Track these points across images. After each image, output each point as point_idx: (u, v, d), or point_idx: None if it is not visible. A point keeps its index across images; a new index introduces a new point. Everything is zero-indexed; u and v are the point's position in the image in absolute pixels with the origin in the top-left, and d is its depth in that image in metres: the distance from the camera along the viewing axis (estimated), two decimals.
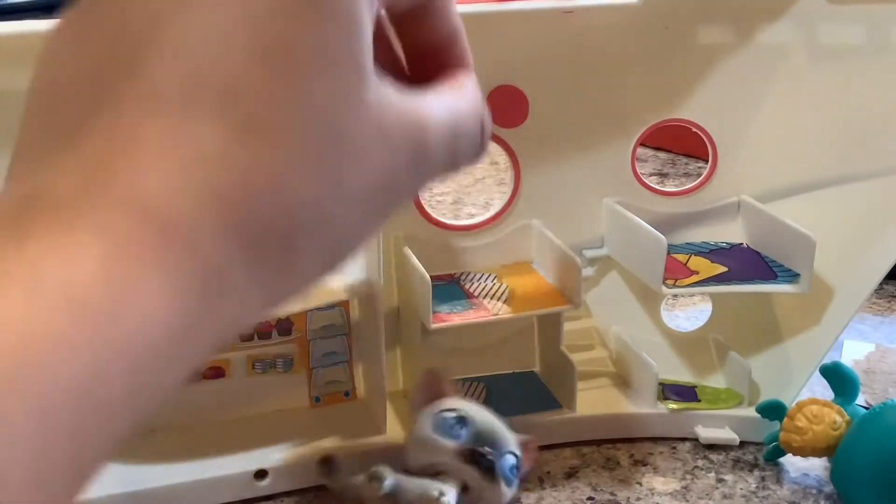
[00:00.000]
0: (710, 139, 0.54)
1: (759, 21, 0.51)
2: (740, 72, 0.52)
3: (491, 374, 0.55)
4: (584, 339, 0.58)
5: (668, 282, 0.49)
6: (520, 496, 0.47)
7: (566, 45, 0.51)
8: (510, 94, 0.51)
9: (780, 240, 0.51)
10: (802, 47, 0.51)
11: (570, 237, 0.52)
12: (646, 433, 0.53)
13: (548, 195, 0.53)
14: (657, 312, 0.57)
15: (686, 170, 0.92)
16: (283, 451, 0.48)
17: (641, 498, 0.47)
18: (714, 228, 0.56)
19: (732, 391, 0.54)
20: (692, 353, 0.57)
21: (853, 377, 0.48)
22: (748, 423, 0.52)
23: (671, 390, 0.54)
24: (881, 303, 0.69)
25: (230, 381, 0.51)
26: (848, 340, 0.63)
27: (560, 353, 0.52)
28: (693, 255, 0.53)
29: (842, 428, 0.47)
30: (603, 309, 0.57)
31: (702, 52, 0.52)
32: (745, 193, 0.55)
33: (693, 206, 0.55)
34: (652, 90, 0.53)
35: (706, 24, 0.52)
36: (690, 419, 0.52)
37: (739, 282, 0.50)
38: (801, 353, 0.52)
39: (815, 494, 0.48)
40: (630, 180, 0.54)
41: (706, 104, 0.53)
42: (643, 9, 0.49)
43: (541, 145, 0.53)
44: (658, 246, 0.48)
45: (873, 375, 0.58)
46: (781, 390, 0.53)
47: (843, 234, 0.50)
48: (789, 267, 0.51)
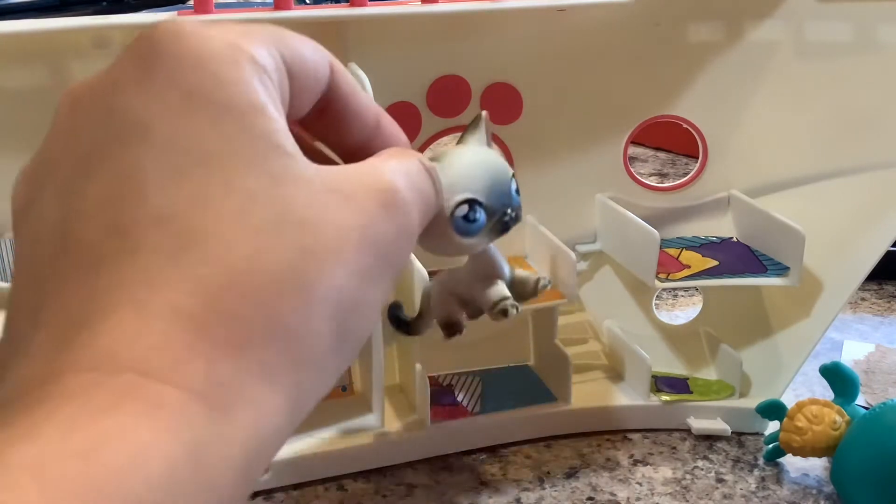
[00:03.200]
0: (701, 135, 0.55)
1: (749, 19, 0.52)
2: (730, 69, 0.53)
3: (486, 367, 0.56)
4: (577, 332, 0.59)
5: (660, 276, 0.50)
6: (520, 496, 0.48)
7: (559, 43, 0.51)
8: (504, 92, 0.52)
9: (770, 234, 0.52)
10: (791, 45, 0.52)
11: (564, 232, 0.52)
12: (639, 425, 0.53)
13: (542, 191, 0.54)
14: (650, 306, 0.58)
15: (686, 170, 0.92)
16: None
17: (641, 498, 0.47)
18: (705, 223, 0.57)
19: (724, 383, 0.55)
20: (684, 345, 0.58)
21: (853, 377, 0.48)
22: (740, 414, 0.53)
23: (664, 382, 0.55)
24: (881, 303, 0.69)
25: None
26: (848, 340, 0.63)
27: (554, 346, 0.53)
28: (684, 249, 0.54)
29: (842, 428, 0.47)
30: (596, 303, 0.58)
31: (693, 50, 0.53)
32: (735, 188, 0.55)
33: (684, 202, 0.56)
34: (644, 87, 0.54)
35: (697, 21, 0.53)
36: (683, 411, 0.53)
37: (730, 275, 0.51)
38: (791, 345, 0.53)
39: (815, 494, 0.48)
40: (622, 176, 0.55)
41: (697, 101, 0.54)
42: (635, 7, 0.50)
43: (534, 142, 0.53)
44: (651, 240, 0.49)
45: (873, 375, 0.59)
46: (772, 382, 0.53)
47: (831, 227, 0.51)
48: (779, 260, 0.51)
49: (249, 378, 0.17)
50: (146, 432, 0.15)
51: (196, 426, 0.16)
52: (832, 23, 0.51)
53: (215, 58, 0.19)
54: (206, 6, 0.41)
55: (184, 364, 0.17)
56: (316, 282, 0.18)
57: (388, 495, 0.48)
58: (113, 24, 0.42)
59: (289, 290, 0.18)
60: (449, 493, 0.48)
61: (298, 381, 0.18)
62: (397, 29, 0.48)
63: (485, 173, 0.30)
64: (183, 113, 0.18)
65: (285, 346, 0.18)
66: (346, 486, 0.48)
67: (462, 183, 0.29)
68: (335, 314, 0.19)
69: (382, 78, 0.45)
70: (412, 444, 0.50)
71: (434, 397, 0.50)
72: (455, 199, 0.29)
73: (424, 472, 0.50)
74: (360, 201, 0.20)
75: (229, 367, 0.17)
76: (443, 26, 0.49)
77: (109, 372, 0.16)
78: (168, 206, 0.18)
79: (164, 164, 0.18)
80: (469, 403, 0.52)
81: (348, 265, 0.19)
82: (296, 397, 0.18)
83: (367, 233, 0.20)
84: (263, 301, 0.18)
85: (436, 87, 0.50)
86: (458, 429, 0.51)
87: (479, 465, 0.50)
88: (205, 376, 0.17)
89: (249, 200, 0.18)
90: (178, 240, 0.17)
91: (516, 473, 0.50)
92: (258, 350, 0.17)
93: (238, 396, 0.17)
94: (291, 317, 0.18)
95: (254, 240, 0.18)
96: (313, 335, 0.18)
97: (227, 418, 0.17)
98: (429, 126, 0.51)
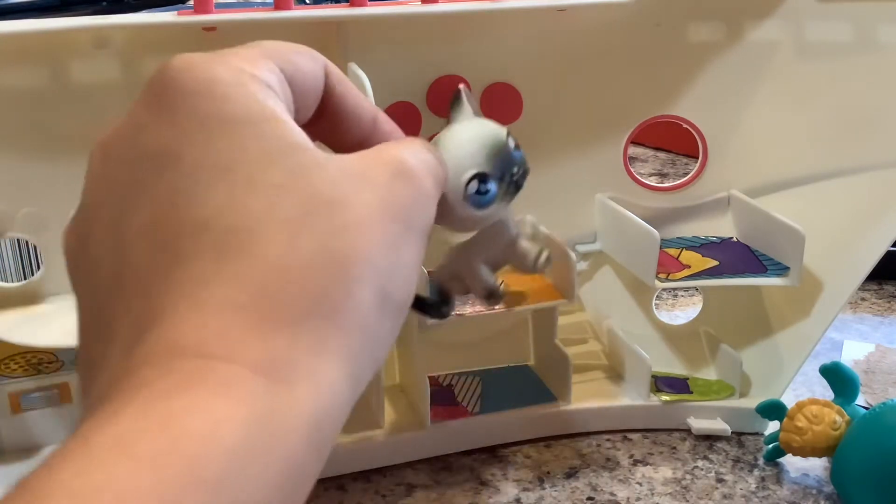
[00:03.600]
0: (701, 135, 0.55)
1: (749, 19, 0.52)
2: (730, 68, 0.53)
3: (486, 367, 0.56)
4: (577, 332, 0.59)
5: (660, 276, 0.50)
6: (520, 496, 0.48)
7: (559, 43, 0.51)
8: (504, 92, 0.52)
9: (770, 234, 0.52)
10: (791, 45, 0.52)
11: (564, 232, 0.52)
12: (639, 425, 0.53)
13: (542, 191, 0.54)
14: (650, 306, 0.58)
15: (686, 170, 0.92)
16: None
17: (641, 498, 0.47)
18: (705, 223, 0.57)
19: (724, 383, 0.55)
20: (684, 345, 0.58)
21: (853, 377, 0.48)
22: (740, 414, 0.53)
23: (664, 382, 0.55)
24: (881, 303, 0.70)
25: None
26: (848, 341, 0.63)
27: (555, 346, 0.53)
28: (684, 249, 0.54)
29: (842, 428, 0.47)
30: (596, 303, 0.58)
31: (693, 50, 0.53)
32: (735, 188, 0.55)
33: (684, 202, 0.56)
34: (643, 87, 0.54)
35: (697, 21, 0.53)
36: (683, 411, 0.53)
37: (730, 275, 0.51)
38: (791, 345, 0.53)
39: (815, 495, 0.48)
40: (622, 176, 0.55)
41: (697, 101, 0.54)
42: (635, 6, 0.50)
43: (534, 142, 0.53)
44: (651, 240, 0.49)
45: (873, 375, 0.59)
46: (772, 382, 0.53)
47: (831, 227, 0.51)
48: (779, 260, 0.51)
49: (304, 351, 0.19)
50: (219, 404, 0.17)
51: (261, 398, 0.17)
52: (832, 23, 0.51)
53: (223, 83, 0.21)
54: (206, 6, 0.41)
55: (243, 345, 0.18)
56: (351, 255, 0.20)
57: (388, 495, 0.48)
58: (113, 23, 0.42)
59: (326, 267, 0.19)
60: (449, 493, 0.48)
61: (350, 347, 0.20)
62: (397, 29, 0.48)
63: (481, 145, 0.32)
64: (204, 136, 0.20)
65: (332, 318, 0.19)
66: (346, 486, 0.48)
67: (464, 162, 0.31)
68: (373, 281, 0.20)
69: (382, 78, 0.45)
70: (412, 444, 0.50)
71: (434, 397, 0.50)
72: (463, 178, 0.30)
73: (424, 472, 0.50)
74: (374, 176, 0.22)
75: (284, 344, 0.18)
76: (443, 26, 0.49)
77: (178, 359, 0.18)
78: (203, 216, 0.19)
79: (195, 181, 0.20)
80: (469, 403, 0.52)
81: (375, 234, 0.21)
82: (351, 365, 0.20)
83: (387, 201, 0.21)
84: (305, 281, 0.19)
85: (436, 87, 0.50)
86: (458, 429, 0.51)
87: (479, 465, 0.50)
88: (263, 353, 0.18)
89: (277, 194, 0.20)
90: (218, 243, 0.19)
91: (516, 473, 0.50)
92: (308, 325, 0.19)
93: (296, 368, 0.18)
94: (333, 291, 0.19)
95: (286, 228, 0.19)
96: (356, 303, 0.20)
97: (288, 389, 0.18)
98: (429, 126, 0.51)
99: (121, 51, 0.43)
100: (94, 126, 0.44)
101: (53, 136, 0.43)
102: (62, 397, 0.48)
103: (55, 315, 0.44)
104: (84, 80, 0.43)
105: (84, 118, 0.43)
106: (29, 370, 0.47)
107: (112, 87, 0.44)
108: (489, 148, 0.32)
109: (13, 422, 0.48)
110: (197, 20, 0.41)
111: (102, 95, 0.43)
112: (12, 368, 0.47)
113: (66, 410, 0.48)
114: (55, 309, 0.45)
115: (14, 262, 0.49)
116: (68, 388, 0.48)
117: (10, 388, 0.47)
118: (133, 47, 0.43)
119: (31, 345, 0.43)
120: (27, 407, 0.48)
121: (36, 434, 0.48)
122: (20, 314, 0.44)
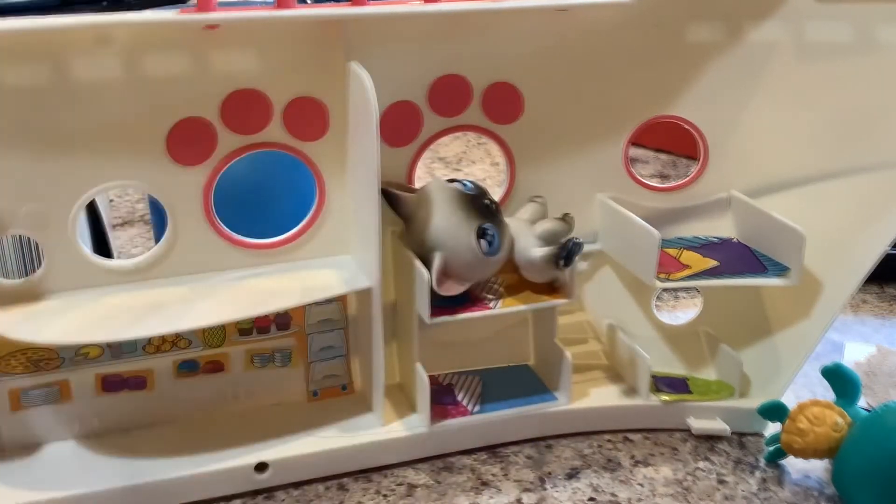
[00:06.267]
0: (701, 135, 0.55)
1: (748, 19, 0.52)
2: (730, 69, 0.53)
3: (486, 367, 0.56)
4: (577, 332, 0.59)
5: (660, 276, 0.50)
6: (521, 497, 0.48)
7: (560, 43, 0.51)
8: (505, 91, 0.52)
9: (770, 234, 0.52)
10: (791, 45, 0.52)
11: None
12: (639, 425, 0.53)
13: (542, 191, 0.54)
14: (650, 306, 0.58)
15: (687, 171, 0.92)
16: (283, 444, 0.49)
17: (643, 499, 0.47)
18: (705, 223, 0.57)
19: (723, 383, 0.55)
20: (684, 345, 0.58)
21: (854, 379, 0.48)
22: (739, 414, 0.53)
23: (663, 382, 0.55)
24: (882, 305, 0.70)
25: (229, 376, 0.51)
26: (849, 342, 0.63)
27: (554, 346, 0.53)
28: (684, 249, 0.54)
29: (843, 430, 0.47)
30: (596, 303, 0.58)
31: (693, 50, 0.53)
32: (735, 189, 0.55)
33: (684, 202, 0.56)
34: (644, 87, 0.54)
35: (697, 22, 0.53)
36: (682, 410, 0.53)
37: (730, 275, 0.51)
38: (791, 346, 0.53)
39: (816, 496, 0.48)
40: (622, 176, 0.55)
41: (697, 101, 0.54)
42: (636, 7, 0.50)
43: (535, 142, 0.53)
44: (651, 240, 0.49)
45: (874, 377, 0.59)
46: (772, 382, 0.53)
47: (831, 228, 0.51)
48: (779, 261, 0.52)
49: None
50: None
51: None
52: (832, 23, 0.51)
53: None
54: (208, 5, 0.41)
55: None
56: None
57: (388, 495, 0.48)
58: (115, 22, 0.42)
59: None
60: (449, 493, 0.48)
61: None
62: (399, 28, 0.48)
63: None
64: None
65: None
66: (346, 485, 0.48)
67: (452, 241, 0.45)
68: None
69: (384, 77, 0.45)
70: (412, 444, 0.50)
71: (434, 397, 0.50)
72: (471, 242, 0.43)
73: (424, 472, 0.50)
74: None
75: None
76: (444, 26, 0.49)
77: None
78: None
79: None
80: (469, 403, 0.52)
81: None
82: None
83: None
84: None
85: (437, 87, 0.50)
86: (458, 429, 0.51)
87: (480, 465, 0.50)
88: None
89: None
90: None
91: (517, 474, 0.50)
92: None
93: None
94: None
95: None
96: None
97: None
98: (430, 125, 0.51)
99: (122, 49, 0.43)
100: (95, 124, 0.44)
101: (55, 135, 0.43)
102: (62, 394, 0.48)
103: (56, 312, 0.44)
104: (86, 78, 0.43)
105: (86, 117, 0.43)
106: (29, 367, 0.47)
107: (114, 86, 0.44)
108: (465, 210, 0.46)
109: (13, 419, 0.48)
110: (199, 18, 0.41)
111: (104, 94, 0.44)
112: (13, 365, 0.47)
113: (66, 407, 0.48)
114: (56, 306, 0.45)
115: (15, 259, 0.49)
116: (68, 386, 0.48)
117: (11, 384, 0.47)
118: (135, 45, 0.43)
119: (32, 341, 0.43)
120: (27, 404, 0.48)
121: (36, 431, 0.48)
122: (21, 311, 0.44)
